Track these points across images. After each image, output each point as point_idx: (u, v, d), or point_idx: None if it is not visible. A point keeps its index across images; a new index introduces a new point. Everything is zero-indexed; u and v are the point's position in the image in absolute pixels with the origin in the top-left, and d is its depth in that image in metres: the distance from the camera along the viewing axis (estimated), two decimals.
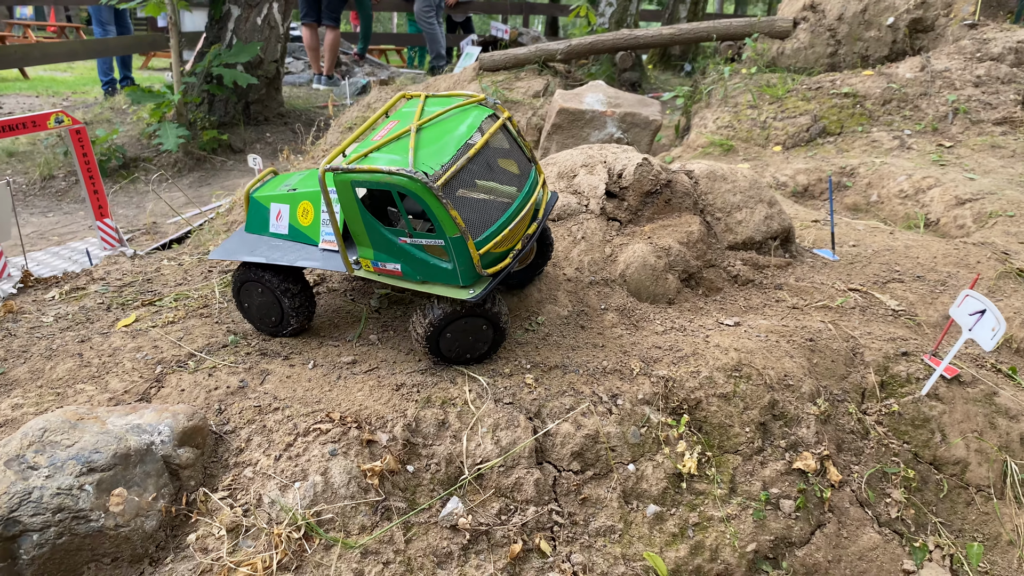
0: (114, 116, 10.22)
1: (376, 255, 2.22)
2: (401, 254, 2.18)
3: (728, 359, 2.49)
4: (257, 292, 2.49)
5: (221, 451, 2.07)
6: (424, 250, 2.16)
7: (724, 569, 2.20)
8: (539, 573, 2.04)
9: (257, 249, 2.45)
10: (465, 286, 2.18)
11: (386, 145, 2.14)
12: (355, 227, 2.18)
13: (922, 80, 5.68)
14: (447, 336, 2.30)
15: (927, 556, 2.36)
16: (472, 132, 2.23)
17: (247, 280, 2.48)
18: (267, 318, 2.54)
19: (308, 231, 2.40)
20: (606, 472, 2.25)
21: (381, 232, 2.16)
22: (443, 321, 2.26)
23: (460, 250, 2.11)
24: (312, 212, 2.37)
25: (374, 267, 2.25)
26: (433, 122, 2.25)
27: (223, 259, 2.51)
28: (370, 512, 1.97)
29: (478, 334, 2.34)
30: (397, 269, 2.22)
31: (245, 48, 9.04)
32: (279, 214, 2.44)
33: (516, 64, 6.98)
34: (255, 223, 2.51)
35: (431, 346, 2.31)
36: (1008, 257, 3.44)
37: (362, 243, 2.22)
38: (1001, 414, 2.63)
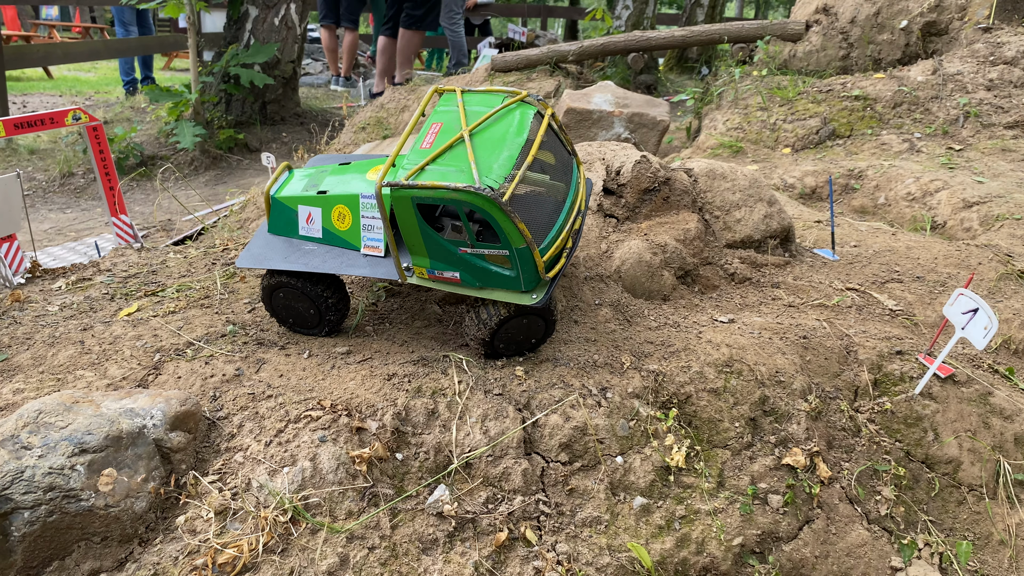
0: (134, 115, 10.36)
1: (433, 264, 2.22)
2: (460, 263, 2.19)
3: (720, 355, 2.51)
4: (292, 297, 2.47)
5: (213, 436, 2.11)
6: (485, 259, 2.16)
7: (710, 562, 2.21)
8: (524, 562, 2.06)
9: (291, 255, 2.41)
10: (527, 291, 2.21)
11: (441, 156, 2.12)
12: (411, 238, 2.17)
13: (934, 83, 5.65)
14: (501, 335, 2.36)
15: (915, 553, 2.36)
16: (524, 134, 2.20)
17: (280, 287, 2.45)
18: (303, 320, 2.53)
19: (346, 236, 2.38)
20: (594, 464, 2.27)
21: (440, 243, 2.16)
22: (500, 323, 2.31)
23: (525, 259, 2.13)
24: (349, 216, 2.35)
25: (429, 275, 2.25)
26: (483, 126, 2.22)
27: (253, 267, 2.44)
28: (357, 498, 2.00)
29: (531, 330, 2.40)
30: (456, 277, 2.23)
31: (262, 49, 9.14)
32: (309, 217, 2.40)
33: (528, 65, 7.02)
34: (280, 225, 2.47)
35: (487, 346, 2.39)
36: (1011, 259, 3.43)
37: (417, 252, 2.21)
38: (995, 414, 2.62)
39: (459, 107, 2.28)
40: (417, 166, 2.08)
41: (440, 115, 2.29)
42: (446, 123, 2.24)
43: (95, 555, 1.80)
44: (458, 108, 2.28)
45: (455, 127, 2.22)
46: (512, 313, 2.29)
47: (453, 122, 2.24)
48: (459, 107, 2.28)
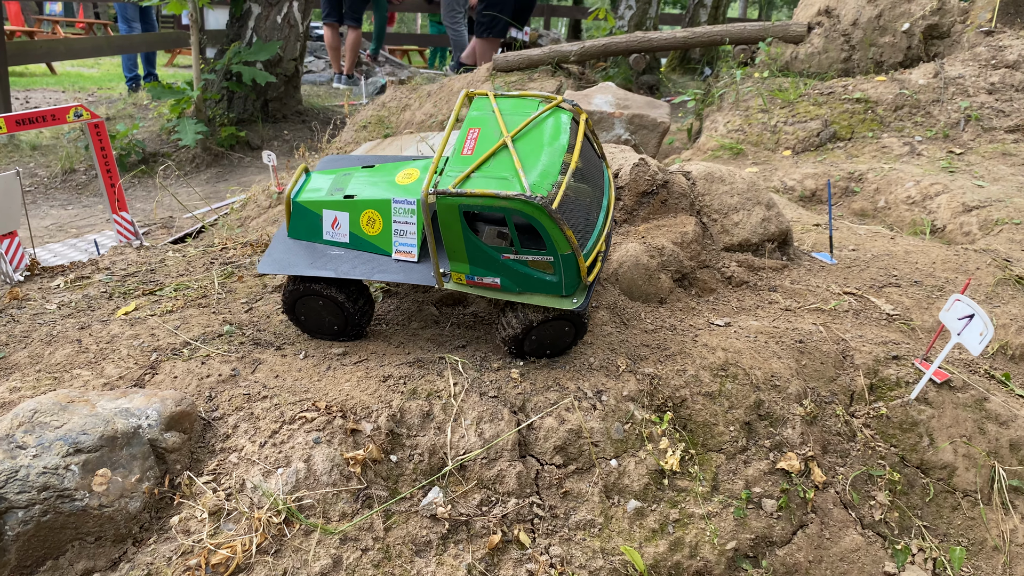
0: (136, 112, 10.38)
1: (473, 269, 2.22)
2: (502, 269, 2.19)
3: (715, 358, 2.51)
4: (317, 304, 2.45)
5: (208, 436, 2.12)
6: (528, 265, 2.17)
7: (703, 566, 2.21)
8: (517, 564, 2.06)
9: (317, 260, 2.38)
10: (567, 295, 2.23)
11: (486, 163, 2.12)
12: (452, 244, 2.17)
13: (935, 87, 5.65)
14: (532, 338, 2.39)
15: (909, 559, 2.37)
16: (562, 139, 2.20)
17: (305, 295, 2.42)
18: (329, 327, 2.52)
19: (376, 240, 2.36)
20: (588, 467, 2.27)
21: (483, 249, 2.16)
22: (534, 326, 2.33)
23: (569, 265, 2.14)
24: (380, 221, 2.33)
25: (468, 281, 2.25)
26: (523, 132, 2.21)
27: (276, 273, 2.41)
28: (351, 500, 2.00)
29: (560, 335, 2.41)
30: (496, 282, 2.24)
31: (265, 46, 9.15)
32: (335, 221, 2.37)
33: (530, 65, 7.02)
34: (302, 229, 2.44)
35: (516, 348, 2.42)
36: (1009, 264, 3.43)
37: (457, 258, 2.21)
38: (991, 420, 2.63)
39: (495, 112, 2.27)
40: (463, 173, 2.07)
41: (476, 120, 2.28)
42: (483, 128, 2.23)
43: (89, 555, 1.81)
44: (493, 113, 2.27)
45: (494, 132, 2.21)
46: (546, 317, 2.31)
47: (491, 127, 2.23)
48: (495, 112, 2.27)
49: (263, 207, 6.49)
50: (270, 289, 2.90)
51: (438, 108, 6.94)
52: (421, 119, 7.01)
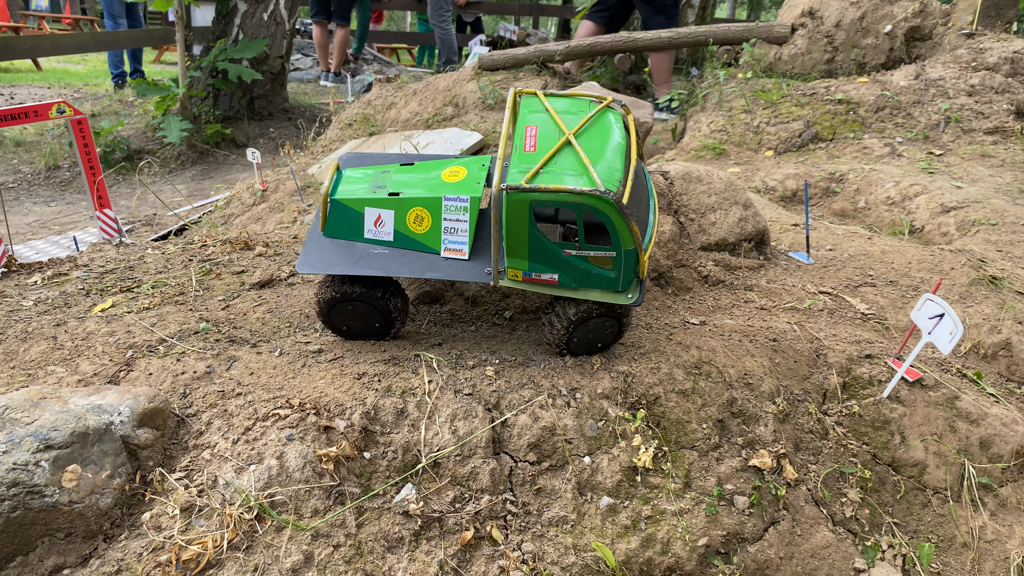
0: (122, 108, 10.34)
1: (532, 266, 2.23)
2: (562, 265, 2.22)
3: (689, 356, 2.53)
4: (355, 307, 2.42)
5: (182, 433, 2.12)
6: (588, 261, 2.20)
7: (675, 562, 2.23)
8: (489, 560, 2.08)
9: (361, 259, 2.34)
10: (622, 291, 2.26)
11: (552, 160, 2.13)
12: (515, 240, 2.18)
13: (916, 88, 5.70)
14: (578, 334, 2.42)
15: (879, 555, 2.39)
16: (618, 136, 2.25)
17: (342, 299, 2.39)
18: (369, 327, 2.50)
19: (423, 238, 2.34)
20: (562, 464, 2.29)
21: (546, 245, 2.17)
22: (582, 322, 2.37)
23: (630, 260, 2.19)
24: (428, 219, 2.32)
25: (524, 277, 2.26)
26: (583, 129, 2.24)
27: (317, 272, 2.33)
28: (323, 496, 2.01)
29: (605, 331, 2.44)
30: (553, 278, 2.25)
31: (251, 44, 9.14)
32: (379, 219, 2.35)
33: (515, 64, 7.03)
34: (339, 227, 2.38)
35: (566, 344, 2.45)
36: (983, 264, 3.46)
37: (516, 255, 2.21)
38: (962, 418, 2.66)
39: (549, 111, 2.29)
40: (532, 170, 2.08)
41: (530, 118, 2.30)
42: (540, 126, 2.25)
43: (59, 551, 1.81)
44: (547, 112, 2.30)
45: (552, 130, 2.23)
46: (592, 313, 2.35)
47: (548, 125, 2.25)
48: (549, 111, 2.29)
49: (247, 205, 6.49)
50: (248, 287, 2.90)
51: (423, 107, 6.95)
52: (406, 117, 7.02)
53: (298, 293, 2.85)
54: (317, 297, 2.43)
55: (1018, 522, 2.54)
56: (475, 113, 6.38)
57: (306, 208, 5.87)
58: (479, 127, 6.01)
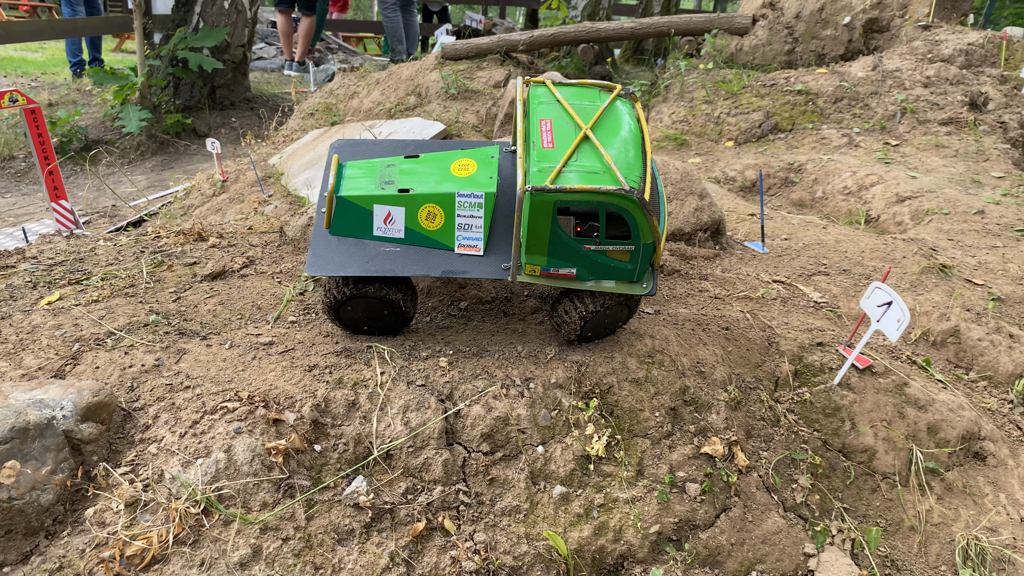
0: (80, 98, 10.13)
1: (551, 261, 2.24)
2: (581, 259, 2.23)
3: (643, 345, 2.54)
4: (363, 304, 2.39)
5: (128, 427, 2.09)
6: (607, 255, 2.22)
7: (627, 549, 2.25)
8: (441, 551, 2.07)
9: (373, 258, 2.30)
10: (637, 281, 2.30)
11: (572, 157, 2.13)
12: (536, 237, 2.17)
13: (873, 79, 5.77)
14: (592, 323, 2.44)
15: (828, 540, 2.43)
16: (632, 129, 2.25)
17: (351, 298, 2.36)
18: (378, 323, 2.46)
19: (436, 235, 2.31)
20: (515, 453, 2.29)
21: (567, 242, 2.18)
22: (597, 313, 2.39)
23: (648, 253, 2.23)
24: (442, 215, 2.28)
25: (543, 272, 2.27)
26: (598, 122, 2.23)
27: (330, 274, 2.28)
28: (272, 489, 2.00)
29: (617, 318, 2.48)
30: (572, 273, 2.27)
31: (212, 32, 8.99)
32: (388, 216, 2.30)
33: (479, 54, 7.00)
34: (347, 225, 2.33)
35: (577, 335, 2.47)
36: (934, 253, 3.52)
37: (535, 251, 2.21)
38: (910, 404, 2.70)
39: (561, 102, 2.28)
40: (555, 169, 2.08)
41: (543, 110, 2.27)
42: (555, 119, 2.23)
43: None
44: (559, 103, 2.28)
45: (567, 124, 2.22)
46: (608, 301, 2.38)
47: (561, 118, 2.24)
48: (561, 102, 2.28)
49: (207, 195, 6.40)
50: (200, 278, 2.86)
51: (386, 96, 6.90)
52: (369, 107, 6.96)
53: (250, 285, 2.82)
54: (326, 296, 2.38)
55: (963, 505, 2.60)
56: (438, 103, 6.35)
57: (266, 199, 5.80)
58: (442, 116, 5.98)
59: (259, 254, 3.08)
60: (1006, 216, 4.03)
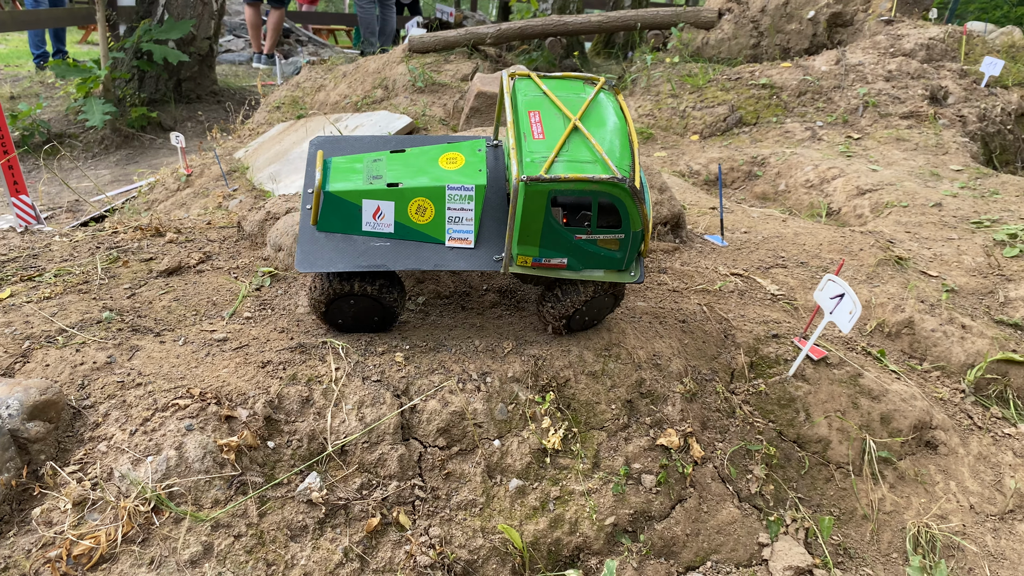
0: (43, 91, 9.97)
1: (542, 252, 2.25)
2: (572, 249, 2.25)
3: (599, 339, 2.55)
4: (351, 303, 2.38)
5: (78, 425, 2.07)
6: (597, 244, 2.24)
7: (582, 541, 2.26)
8: (396, 546, 2.08)
9: (363, 253, 2.28)
10: (625, 270, 2.33)
11: (564, 148, 2.15)
12: (529, 228, 2.18)
13: (837, 73, 5.82)
14: (581, 313, 2.48)
15: (782, 529, 2.46)
16: (618, 119, 2.28)
17: (340, 295, 2.34)
18: (368, 321, 2.46)
19: (426, 229, 2.31)
20: (472, 448, 2.30)
21: (558, 231, 2.20)
22: (586, 302, 2.42)
23: (636, 241, 2.26)
24: (432, 209, 2.29)
25: (534, 263, 2.28)
26: (585, 113, 2.26)
27: (320, 271, 2.27)
28: (224, 486, 1.99)
29: (603, 307, 2.51)
30: (563, 263, 2.28)
31: (177, 25, 8.89)
32: (378, 211, 2.29)
33: (446, 47, 6.98)
34: (334, 221, 2.31)
35: (565, 324, 2.51)
36: (891, 245, 3.57)
37: (528, 242, 2.22)
38: (864, 395, 2.74)
39: (547, 95, 2.30)
40: (548, 159, 2.09)
41: (531, 103, 2.29)
42: (543, 111, 2.26)
43: None
44: (546, 95, 2.30)
45: (555, 115, 2.24)
46: (597, 291, 2.41)
47: (549, 110, 2.26)
48: (547, 95, 2.30)
49: (171, 190, 6.33)
50: (155, 274, 2.83)
51: (352, 89, 6.86)
52: (336, 100, 6.92)
53: (207, 280, 2.79)
54: (314, 294, 2.36)
55: (915, 493, 2.64)
56: (405, 96, 6.32)
57: (231, 193, 5.75)
58: (408, 110, 5.96)
59: (216, 249, 3.05)
60: (962, 209, 4.09)
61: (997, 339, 3.08)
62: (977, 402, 2.99)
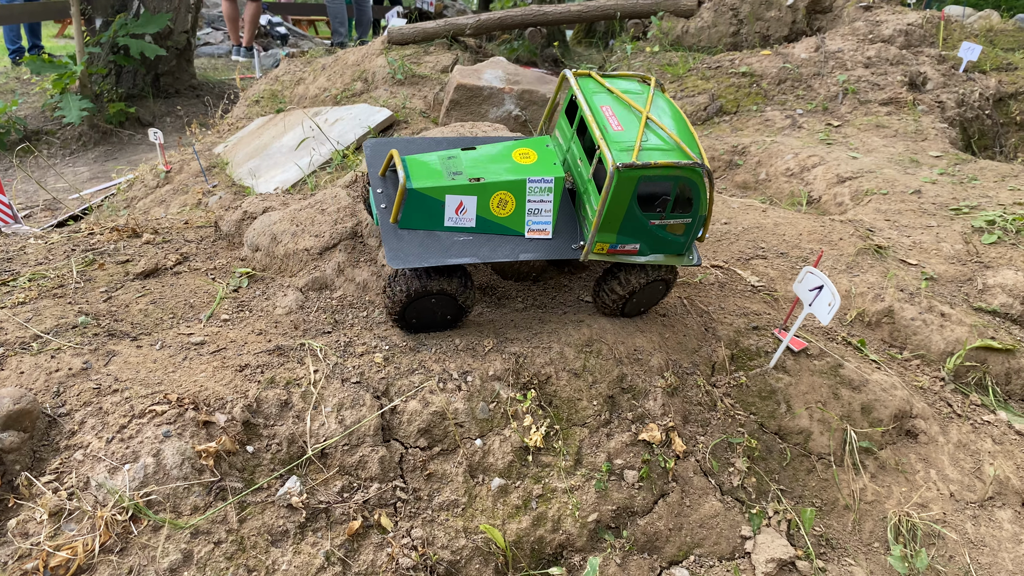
0: (19, 87, 9.83)
1: (619, 238, 2.34)
2: (645, 235, 2.35)
3: (580, 335, 2.55)
4: (432, 301, 2.40)
5: (53, 434, 2.05)
6: (666, 229, 2.36)
7: (565, 539, 2.27)
8: (378, 548, 2.07)
9: (451, 248, 2.32)
10: (683, 254, 2.46)
11: (644, 138, 2.25)
12: (612, 215, 2.26)
13: (816, 60, 5.83)
14: (636, 297, 2.58)
15: (765, 521, 2.47)
16: (676, 112, 2.43)
17: (423, 294, 2.36)
18: (443, 318, 2.49)
19: (507, 222, 2.36)
20: (453, 448, 2.29)
21: (638, 217, 2.29)
22: (641, 284, 2.51)
23: (699, 225, 2.39)
24: (513, 202, 2.35)
25: (610, 250, 2.37)
26: (652, 108, 2.39)
27: (416, 265, 2.27)
28: (203, 493, 1.97)
29: (655, 293, 2.62)
30: (635, 248, 2.39)
31: (153, 18, 8.78)
32: (460, 206, 2.33)
33: (425, 38, 6.93)
34: (417, 217, 2.32)
35: (620, 310, 2.61)
36: (871, 234, 3.58)
37: (608, 229, 2.30)
38: (845, 385, 2.75)
39: (613, 91, 2.43)
40: (635, 148, 2.20)
41: (600, 99, 2.41)
42: (613, 106, 2.37)
43: None
44: (611, 92, 2.44)
45: (625, 109, 2.37)
46: (655, 277, 2.51)
47: (618, 105, 2.38)
48: (613, 91, 2.43)
49: (150, 187, 6.27)
50: (132, 277, 2.80)
51: (332, 82, 6.80)
52: (315, 93, 6.86)
53: (184, 282, 2.77)
54: (396, 294, 2.37)
55: (896, 482, 2.66)
56: (384, 88, 6.28)
57: (211, 189, 5.70)
58: (388, 103, 5.92)
59: (194, 250, 3.02)
60: (941, 195, 4.11)
61: (976, 326, 3.10)
62: (957, 390, 3.01)
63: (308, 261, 2.79)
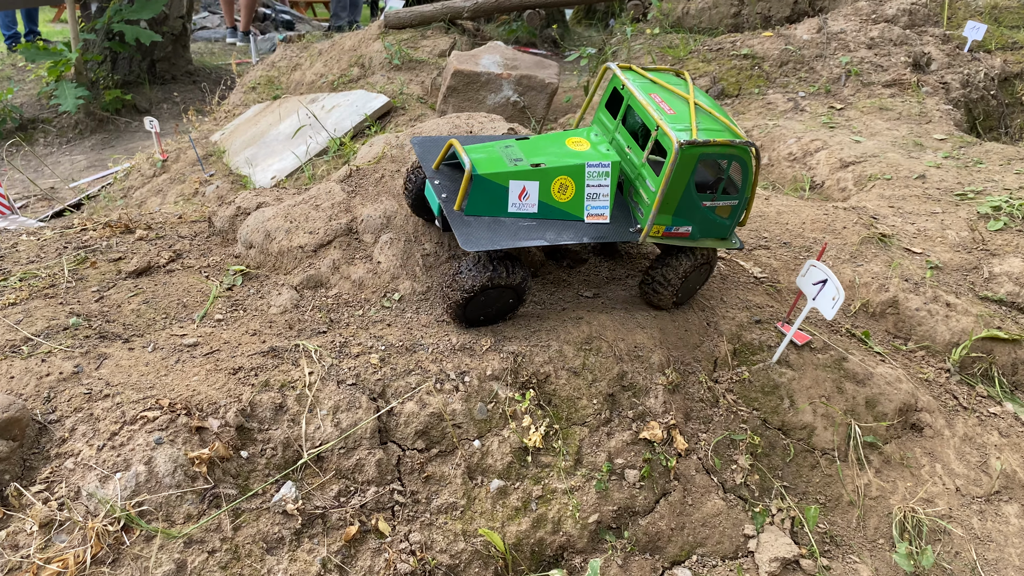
0: (15, 74, 9.75)
1: (674, 220, 2.41)
2: (697, 217, 2.42)
3: (579, 332, 2.51)
4: (495, 292, 2.39)
5: (44, 441, 2.01)
6: (715, 211, 2.43)
7: (566, 541, 2.24)
8: (375, 554, 2.04)
9: (517, 232, 2.33)
10: (727, 238, 2.54)
11: (697, 120, 2.33)
12: (672, 196, 2.33)
13: (818, 42, 5.74)
14: (687, 282, 2.63)
15: (768, 519, 2.44)
16: (715, 102, 2.52)
17: (489, 286, 2.34)
18: (503, 309, 2.49)
19: (567, 207, 2.40)
20: (451, 449, 2.26)
21: (693, 198, 2.36)
22: (690, 268, 2.56)
23: (743, 207, 2.47)
24: (573, 187, 2.39)
25: (665, 232, 2.43)
26: (695, 95, 2.49)
27: (490, 248, 2.27)
28: (197, 500, 1.94)
29: (700, 278, 2.68)
30: (688, 231, 2.46)
31: (148, 4, 8.67)
32: (523, 191, 2.35)
33: (422, 22, 6.84)
34: (482, 204, 2.33)
35: (674, 294, 2.63)
36: (875, 222, 3.53)
37: (665, 211, 2.36)
38: (849, 379, 2.71)
39: (657, 82, 2.52)
40: (692, 128, 2.28)
41: (647, 88, 2.48)
42: (661, 94, 2.45)
43: None
44: (655, 83, 2.52)
45: (672, 97, 2.45)
46: (698, 259, 2.56)
47: (666, 94, 2.47)
48: (657, 82, 2.52)
49: (147, 176, 6.21)
50: (124, 275, 2.76)
51: (328, 67, 6.72)
52: (312, 79, 6.79)
53: (177, 281, 2.72)
54: (462, 285, 2.34)
55: (900, 477, 2.63)
56: (381, 74, 6.20)
57: (207, 178, 5.65)
58: (386, 88, 5.85)
59: (187, 247, 2.98)
60: (946, 180, 4.05)
61: (982, 316, 3.05)
62: (962, 381, 2.97)
63: (302, 258, 2.74)
